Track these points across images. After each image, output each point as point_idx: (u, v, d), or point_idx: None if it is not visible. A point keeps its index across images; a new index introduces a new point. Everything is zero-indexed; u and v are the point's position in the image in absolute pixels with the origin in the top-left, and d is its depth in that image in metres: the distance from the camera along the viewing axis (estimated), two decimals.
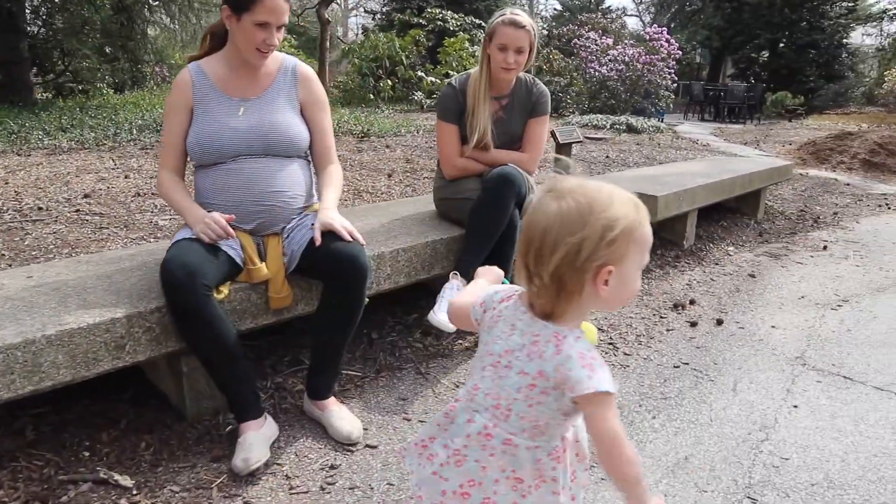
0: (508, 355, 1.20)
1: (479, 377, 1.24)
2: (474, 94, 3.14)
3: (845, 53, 25.71)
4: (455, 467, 1.24)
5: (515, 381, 1.18)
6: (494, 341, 1.23)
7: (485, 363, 1.23)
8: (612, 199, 1.13)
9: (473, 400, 1.24)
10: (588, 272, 1.11)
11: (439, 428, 1.30)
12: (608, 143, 9.21)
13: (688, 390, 2.78)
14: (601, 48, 14.31)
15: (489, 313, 1.28)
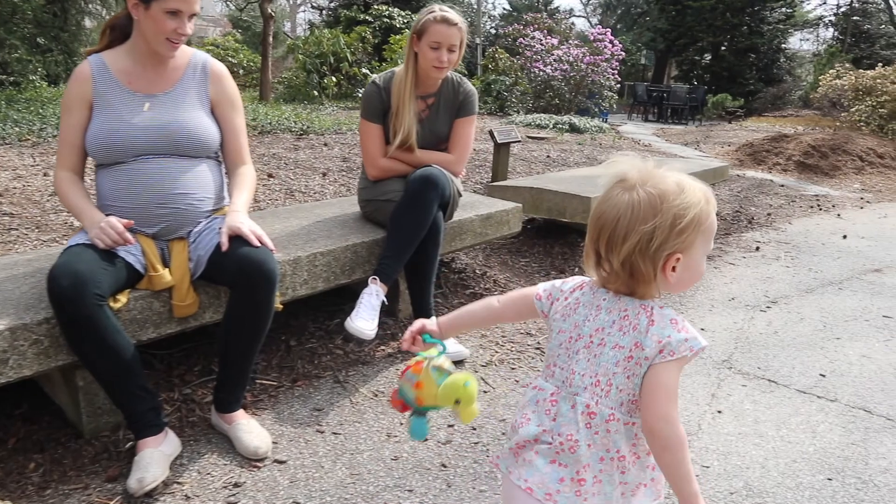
0: (600, 333, 1.23)
1: (574, 361, 1.24)
2: (399, 92, 3.04)
3: (783, 58, 26.37)
4: (570, 454, 1.22)
5: (612, 355, 1.21)
6: (582, 325, 1.25)
7: (577, 347, 1.24)
8: (683, 189, 1.17)
9: (571, 385, 1.24)
10: (659, 260, 1.17)
11: (540, 431, 1.25)
12: (550, 142, 9.21)
13: None
14: (546, 48, 14.34)
15: (560, 303, 1.31)
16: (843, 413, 2.74)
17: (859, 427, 2.64)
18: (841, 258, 5.17)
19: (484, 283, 3.82)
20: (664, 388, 1.17)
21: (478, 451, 2.31)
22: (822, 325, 3.70)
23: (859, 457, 2.43)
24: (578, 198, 4.13)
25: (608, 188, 1.21)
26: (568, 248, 4.55)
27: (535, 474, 1.24)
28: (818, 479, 2.28)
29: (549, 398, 1.26)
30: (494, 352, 3.07)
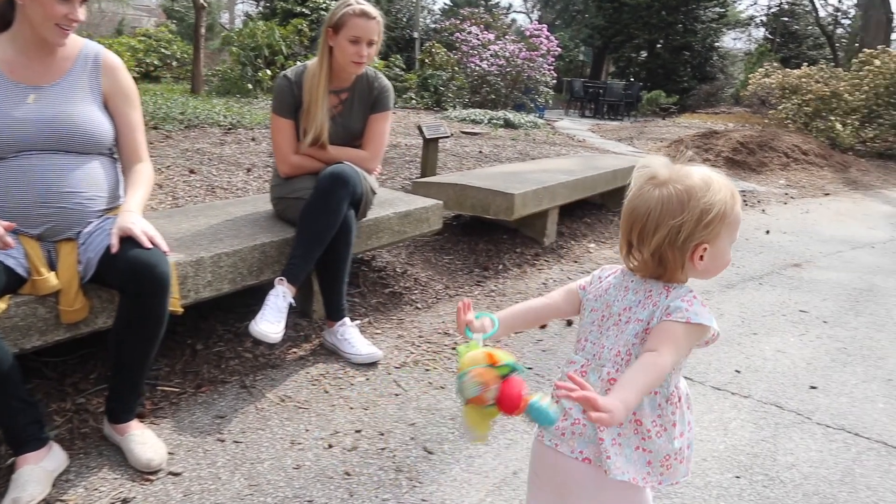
0: (627, 312, 1.35)
1: (605, 337, 1.36)
2: (312, 87, 2.95)
3: (716, 56, 26.98)
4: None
5: (633, 328, 1.32)
6: (612, 304, 1.37)
7: (607, 325, 1.36)
8: (709, 185, 1.28)
9: (600, 357, 1.35)
10: (686, 250, 1.29)
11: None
12: (483, 137, 9.19)
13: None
14: (483, 43, 14.33)
15: (594, 286, 1.44)
16: (755, 409, 2.75)
17: (770, 423, 2.66)
18: (763, 253, 5.26)
19: (404, 282, 3.74)
20: (663, 334, 1.26)
21: (384, 458, 2.23)
22: (741, 320, 3.75)
23: (768, 453, 2.44)
24: (502, 194, 4.09)
25: (640, 185, 1.32)
26: (493, 245, 4.51)
27: (590, 443, 1.34)
28: (726, 477, 2.28)
29: (580, 370, 1.38)
30: (410, 353, 3.00)
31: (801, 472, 2.34)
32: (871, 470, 2.41)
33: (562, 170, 5.20)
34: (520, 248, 4.54)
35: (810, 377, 3.10)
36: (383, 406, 2.55)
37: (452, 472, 2.18)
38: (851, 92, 12.59)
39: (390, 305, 3.48)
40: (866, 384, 3.09)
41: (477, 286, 3.89)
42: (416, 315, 3.42)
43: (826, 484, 2.29)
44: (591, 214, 5.72)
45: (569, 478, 1.39)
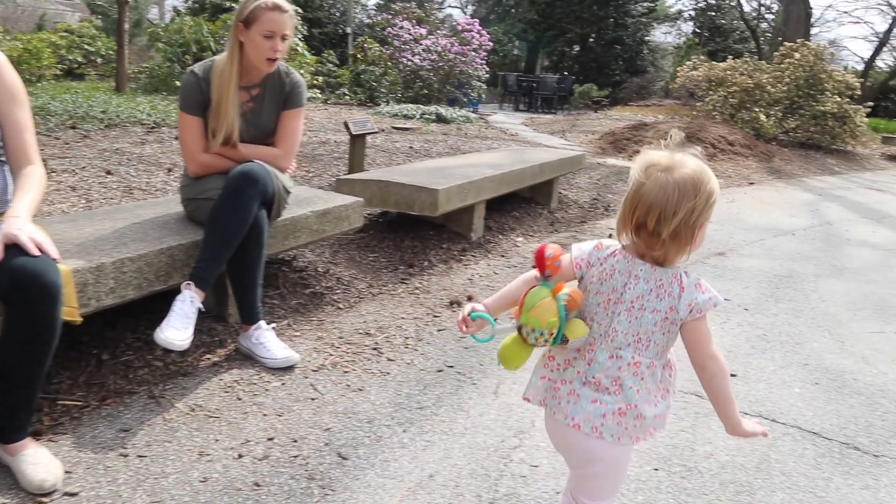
0: (640, 300, 1.48)
1: (616, 321, 1.49)
2: (221, 84, 2.83)
3: (647, 50, 27.43)
4: (615, 395, 1.50)
5: (650, 318, 1.48)
6: (622, 290, 1.48)
7: (618, 309, 1.48)
8: (706, 170, 1.45)
9: (614, 340, 1.49)
10: (697, 229, 1.44)
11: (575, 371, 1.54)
12: (415, 133, 9.12)
13: (447, 397, 2.64)
14: (415, 38, 14.25)
15: (597, 268, 1.52)
16: (675, 400, 2.75)
17: (690, 413, 2.67)
18: None
19: (326, 282, 3.66)
20: (704, 336, 1.50)
21: (296, 466, 2.15)
22: None
23: (687, 444, 2.44)
24: (426, 190, 4.03)
25: (645, 173, 1.44)
26: (419, 241, 4.46)
27: (580, 413, 1.51)
28: (645, 470, 2.27)
29: (587, 349, 1.52)
30: (328, 354, 2.92)
31: (719, 462, 2.35)
32: (786, 455, 2.44)
33: (489, 164, 5.17)
34: (446, 244, 4.50)
35: (730, 365, 3.10)
36: (298, 411, 2.47)
37: (366, 477, 2.12)
38: (774, 84, 12.94)
39: (311, 306, 3.39)
40: (784, 370, 3.14)
41: (401, 284, 3.83)
42: (337, 315, 3.34)
43: (743, 472, 2.30)
44: (520, 208, 5.72)
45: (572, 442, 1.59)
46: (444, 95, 14.18)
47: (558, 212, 5.95)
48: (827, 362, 3.28)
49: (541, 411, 2.56)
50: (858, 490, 2.27)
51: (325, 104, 12.93)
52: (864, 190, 9.60)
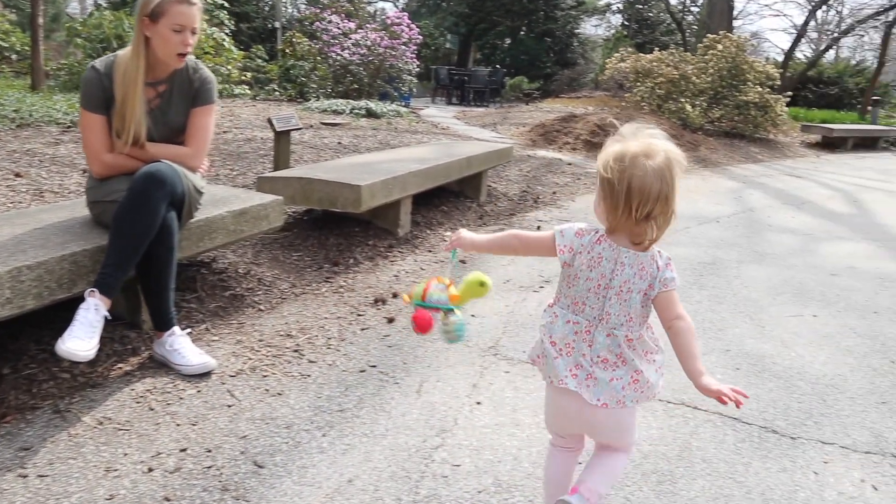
0: (627, 284, 1.61)
1: (608, 304, 1.62)
2: (126, 81, 2.71)
3: (577, 42, 27.75)
4: (623, 366, 1.66)
5: (637, 298, 1.62)
6: (610, 276, 1.61)
7: (608, 294, 1.62)
8: (674, 148, 1.56)
9: (608, 322, 1.63)
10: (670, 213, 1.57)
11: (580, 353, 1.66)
12: (344, 128, 8.99)
13: (369, 398, 2.58)
14: (344, 32, 14.06)
15: (584, 255, 1.64)
16: None
17: None
18: None
19: (247, 283, 3.55)
20: (672, 302, 1.63)
21: (209, 477, 2.07)
22: None
23: None
24: (349, 186, 3.96)
25: (626, 162, 1.52)
26: (344, 238, 4.38)
27: (604, 392, 1.65)
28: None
29: (585, 329, 1.65)
30: (248, 359, 2.83)
31: (642, 452, 2.36)
32: (707, 442, 2.46)
33: (416, 158, 5.11)
34: (373, 241, 4.43)
35: None
36: (214, 420, 2.38)
37: (283, 485, 2.05)
38: (698, 75, 13.21)
39: (231, 309, 3.29)
40: (706, 356, 3.18)
41: (325, 283, 3.75)
42: (258, 318, 3.24)
43: (664, 461, 2.32)
44: (449, 202, 5.68)
45: (591, 417, 1.70)
46: (374, 90, 14.04)
47: (487, 205, 5.94)
48: (748, 347, 3.34)
49: (463, 409, 2.56)
50: (776, 473, 2.30)
51: (253, 100, 12.66)
52: (785, 177, 9.88)
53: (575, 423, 1.79)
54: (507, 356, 3.01)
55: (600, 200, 1.61)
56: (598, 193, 1.62)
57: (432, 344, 3.07)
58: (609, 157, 1.55)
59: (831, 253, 5.37)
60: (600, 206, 1.62)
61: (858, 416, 2.72)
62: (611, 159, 1.54)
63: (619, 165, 1.52)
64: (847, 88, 22.38)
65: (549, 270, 4.26)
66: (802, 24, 24.11)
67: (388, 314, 3.36)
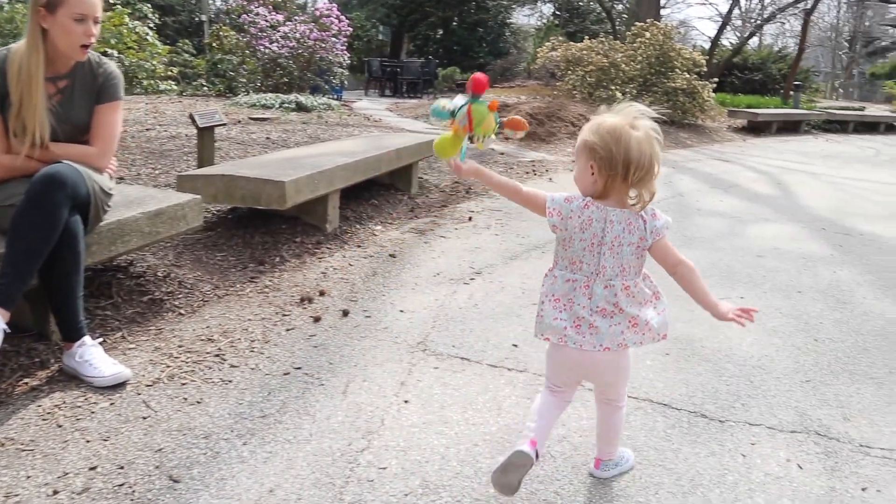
0: (618, 239, 1.81)
1: (603, 259, 1.82)
2: (25, 78, 2.55)
3: (509, 32, 27.85)
4: (620, 314, 1.84)
5: (628, 250, 1.82)
6: (602, 235, 1.81)
7: (602, 250, 1.81)
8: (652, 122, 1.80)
9: (604, 275, 1.82)
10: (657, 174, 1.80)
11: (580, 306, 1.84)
12: (273, 123, 8.79)
13: (292, 401, 2.49)
14: (272, 24, 13.76)
15: (575, 220, 1.82)
16: (530, 383, 2.73)
17: None
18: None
19: (167, 287, 3.41)
20: (668, 249, 1.88)
21: (121, 496, 1.95)
22: (522, 291, 3.76)
23: None
24: (273, 183, 3.84)
25: (625, 131, 1.74)
26: (271, 236, 4.25)
27: (605, 337, 1.84)
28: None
29: (583, 285, 1.84)
30: (166, 366, 2.70)
31: (572, 444, 2.34)
32: (638, 430, 2.45)
33: (344, 152, 5.01)
34: (300, 238, 4.32)
35: None
36: (127, 434, 2.26)
37: (200, 500, 1.95)
38: (628, 62, 13.39)
39: (149, 315, 3.15)
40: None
41: (250, 283, 3.63)
42: (177, 322, 3.11)
43: (595, 452, 2.29)
44: (380, 195, 5.60)
45: (592, 364, 1.91)
46: (305, 83, 13.79)
47: (419, 197, 5.88)
48: (678, 331, 3.35)
49: (390, 408, 2.49)
50: (705, 457, 2.30)
51: (180, 96, 12.31)
52: (713, 161, 10.09)
53: (576, 372, 1.99)
54: (437, 351, 2.96)
55: (589, 171, 1.80)
56: (585, 165, 1.81)
57: (359, 342, 3.00)
58: (603, 129, 1.75)
59: (757, 235, 5.48)
60: (588, 177, 1.81)
61: (784, 396, 2.76)
62: (605, 132, 1.74)
63: (615, 136, 1.73)
64: (770, 74, 23.00)
65: (480, 262, 4.23)
66: (727, 12, 24.69)
67: (314, 313, 3.27)
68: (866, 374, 3.02)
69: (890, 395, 2.84)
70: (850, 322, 3.62)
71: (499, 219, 5.35)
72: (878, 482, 2.23)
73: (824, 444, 2.43)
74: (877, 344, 3.35)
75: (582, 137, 1.81)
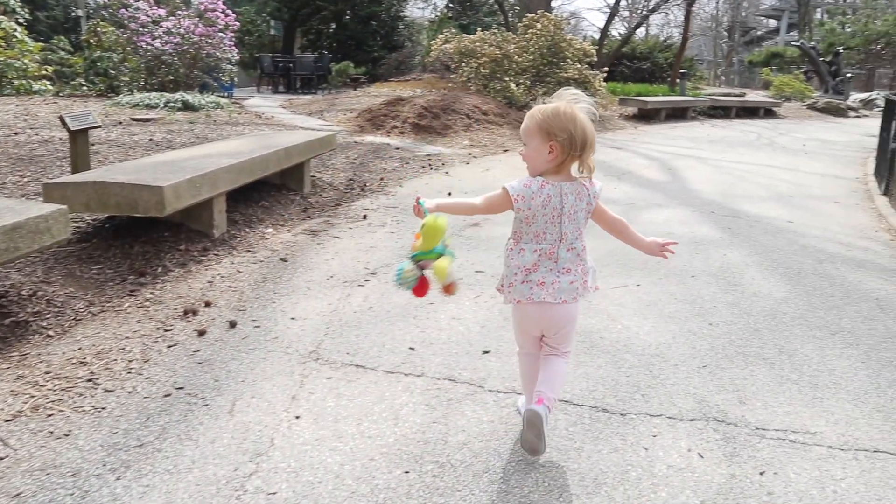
0: (573, 208, 2.10)
1: (563, 227, 2.10)
2: None
3: (402, 25, 27.67)
4: (579, 270, 2.16)
5: (581, 216, 2.14)
6: (560, 207, 2.08)
7: (562, 220, 2.09)
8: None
9: (567, 240, 2.12)
10: None
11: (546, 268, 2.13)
12: (158, 124, 8.37)
13: (173, 426, 2.31)
14: (153, 19, 13.14)
15: (537, 199, 2.06)
16: (428, 388, 2.64)
17: (442, 401, 2.55)
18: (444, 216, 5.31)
19: (33, 306, 3.13)
20: (604, 209, 2.23)
21: None
22: None
23: (439, 437, 2.32)
24: (149, 188, 3.59)
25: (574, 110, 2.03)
26: (152, 245, 3.99)
27: (564, 292, 2.13)
28: (395, 474, 2.11)
29: (549, 251, 2.11)
30: (29, 396, 2.46)
31: (473, 451, 2.25)
32: None
33: (230, 153, 4.78)
34: (184, 245, 4.07)
35: (483, 341, 3.08)
36: None
37: None
38: (520, 54, 13.49)
39: (12, 339, 2.87)
40: None
41: (129, 297, 3.38)
42: (45, 346, 2.85)
43: (497, 458, 2.22)
44: (270, 196, 5.38)
45: (553, 315, 2.19)
46: (193, 81, 13.24)
47: (312, 196, 5.69)
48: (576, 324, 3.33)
49: (281, 426, 2.34)
50: (608, 454, 2.27)
51: (56, 96, 11.58)
52: (606, 149, 10.27)
53: (538, 325, 2.24)
54: (330, 360, 2.82)
55: (547, 150, 2.04)
56: (543, 145, 2.05)
57: (248, 355, 2.83)
58: (560, 113, 2.03)
59: (651, 220, 5.58)
60: (545, 155, 2.05)
61: (682, 384, 2.77)
62: (562, 115, 2.02)
63: (570, 118, 2.02)
64: (658, 63, 23.75)
65: (375, 262, 4.10)
66: (615, 3, 25.32)
67: (199, 326, 3.07)
68: (758, 355, 3.07)
69: (780, 374, 2.89)
70: (742, 304, 3.70)
71: (394, 216, 5.24)
72: (775, 464, 2.25)
73: (723, 431, 2.44)
74: (767, 324, 3.43)
75: (535, 122, 2.06)
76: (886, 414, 2.62)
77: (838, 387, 2.82)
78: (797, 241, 5.12)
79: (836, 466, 2.26)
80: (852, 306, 3.77)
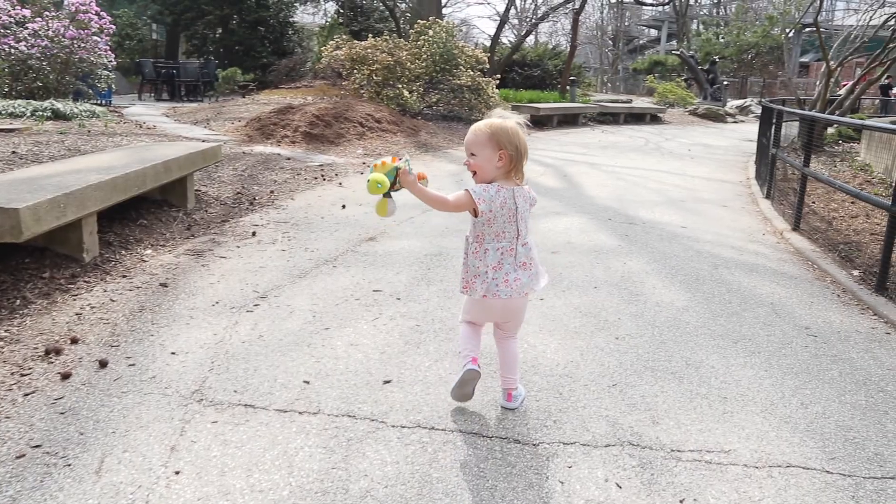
0: (523, 208, 2.40)
1: (519, 226, 2.40)
2: None
3: (292, 31, 27.08)
4: (531, 265, 2.46)
5: (527, 215, 2.45)
6: (514, 209, 2.37)
7: (516, 220, 2.38)
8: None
9: (521, 237, 2.42)
10: None
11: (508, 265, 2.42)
12: (23, 134, 7.69)
13: (26, 495, 1.97)
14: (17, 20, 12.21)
15: (497, 202, 2.34)
16: (325, 428, 2.40)
17: (341, 441, 2.32)
18: (338, 230, 5.07)
19: None
20: None
21: None
22: (312, 315, 3.41)
23: (339, 485, 2.09)
24: (2, 211, 3.18)
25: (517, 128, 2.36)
26: (9, 274, 3.55)
27: (526, 285, 2.45)
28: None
29: (509, 248, 2.41)
30: None
31: (377, 498, 2.04)
32: (448, 470, 2.21)
33: (101, 168, 4.37)
34: (49, 272, 3.65)
35: (384, 369, 2.87)
36: None
37: None
38: (413, 60, 13.35)
39: None
40: (439, 364, 2.95)
41: None
42: None
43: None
44: (150, 214, 4.97)
45: (513, 307, 2.49)
46: (65, 88, 12.39)
47: (196, 213, 5.31)
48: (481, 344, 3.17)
49: (157, 485, 2.04)
50: (523, 492, 2.12)
51: None
52: None
53: (496, 315, 2.54)
54: (215, 400, 2.54)
55: (498, 158, 2.32)
56: (493, 154, 2.32)
57: (120, 400, 2.50)
58: (506, 128, 2.32)
59: (550, 229, 5.51)
60: (495, 163, 2.33)
61: (594, 406, 2.66)
62: (508, 129, 2.32)
63: (514, 132, 2.33)
64: (548, 70, 24.20)
65: (265, 283, 3.82)
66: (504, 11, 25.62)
67: (63, 368, 2.71)
68: (666, 369, 3.01)
69: (690, 389, 2.83)
70: (645, 315, 3.64)
71: (285, 231, 4.95)
72: (693, 489, 2.16)
73: (638, 455, 2.34)
74: (672, 335, 3.38)
75: (485, 135, 2.33)
76: (793, 425, 2.59)
77: (746, 399, 2.78)
78: (692, 246, 5.17)
79: (754, 487, 2.20)
80: (750, 312, 3.78)
